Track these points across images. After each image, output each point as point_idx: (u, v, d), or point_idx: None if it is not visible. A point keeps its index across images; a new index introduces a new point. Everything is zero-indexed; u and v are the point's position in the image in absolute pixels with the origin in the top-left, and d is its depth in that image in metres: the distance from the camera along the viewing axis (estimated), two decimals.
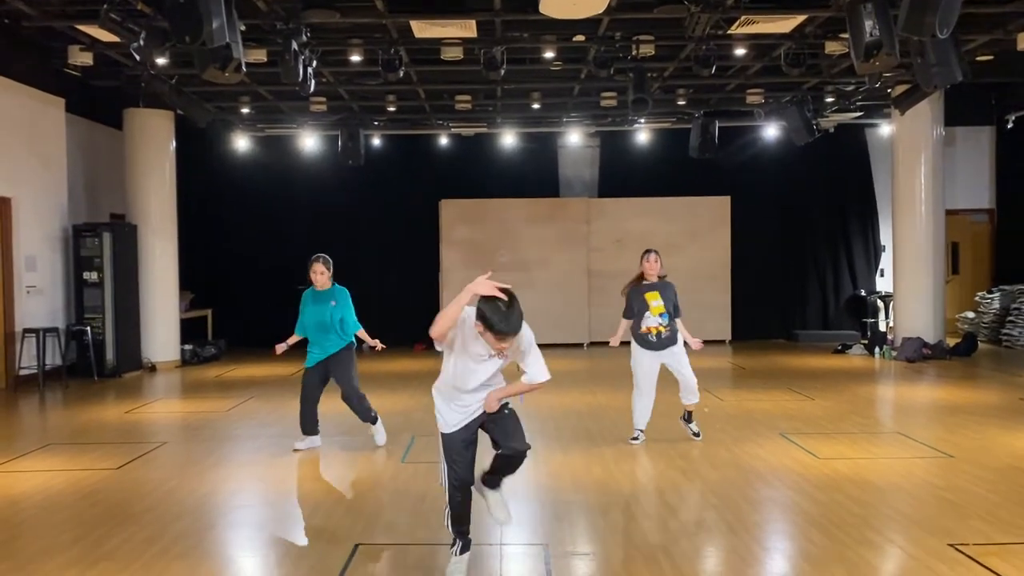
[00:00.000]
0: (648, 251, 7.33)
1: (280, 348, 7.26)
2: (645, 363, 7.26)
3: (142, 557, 4.66)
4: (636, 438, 7.34)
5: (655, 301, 7.11)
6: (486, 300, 3.88)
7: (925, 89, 9.08)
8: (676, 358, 7.20)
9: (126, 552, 4.75)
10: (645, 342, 7.19)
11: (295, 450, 7.20)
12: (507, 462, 4.24)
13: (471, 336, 4.02)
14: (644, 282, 7.24)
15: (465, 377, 4.13)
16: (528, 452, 4.26)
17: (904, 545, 4.74)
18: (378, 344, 7.40)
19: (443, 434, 4.24)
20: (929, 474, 6.23)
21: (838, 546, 4.71)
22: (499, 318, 3.85)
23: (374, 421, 7.38)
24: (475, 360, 4.09)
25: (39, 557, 4.69)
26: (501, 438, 4.20)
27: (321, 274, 7.12)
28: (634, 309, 7.24)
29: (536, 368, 4.12)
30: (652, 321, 7.09)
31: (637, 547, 4.88)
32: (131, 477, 6.46)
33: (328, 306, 7.13)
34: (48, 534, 5.15)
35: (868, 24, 6.98)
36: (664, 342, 7.12)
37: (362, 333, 7.30)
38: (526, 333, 4.04)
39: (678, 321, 7.21)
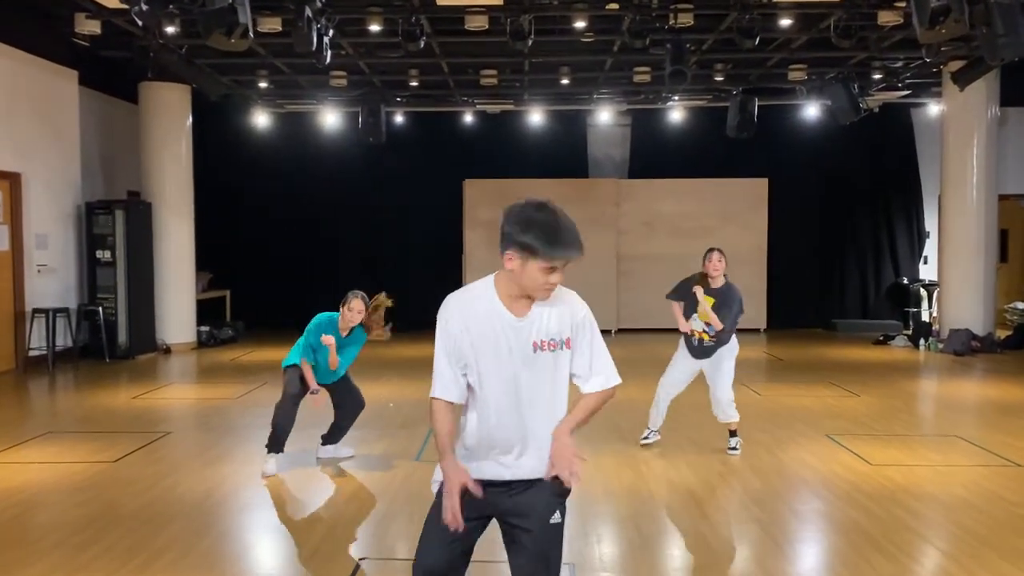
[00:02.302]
0: (711, 250, 6.43)
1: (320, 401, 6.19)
2: (680, 364, 6.64)
3: (126, 566, 4.23)
4: (648, 436, 6.75)
5: (708, 307, 6.29)
6: (516, 212, 2.61)
7: (989, 62, 8.36)
8: (718, 367, 6.46)
9: (108, 561, 4.31)
10: (687, 341, 6.54)
11: (267, 474, 6.05)
12: None
13: (483, 322, 2.63)
14: (710, 283, 6.38)
15: (493, 429, 2.65)
16: None
17: (977, 571, 4.17)
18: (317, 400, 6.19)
19: (437, 492, 2.71)
20: (996, 485, 5.64)
21: (901, 571, 4.16)
22: (547, 226, 2.54)
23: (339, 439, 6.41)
24: (503, 383, 2.62)
25: (13, 565, 4.26)
26: (516, 559, 2.68)
27: (359, 313, 6.04)
28: (679, 296, 6.56)
29: (607, 366, 2.72)
30: (697, 324, 6.39)
31: (672, 565, 4.36)
32: (126, 472, 6.02)
33: (351, 351, 6.20)
34: (28, 537, 4.73)
35: None
36: (706, 351, 6.41)
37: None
38: (589, 313, 2.72)
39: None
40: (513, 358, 2.60)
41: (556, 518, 2.63)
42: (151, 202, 12.39)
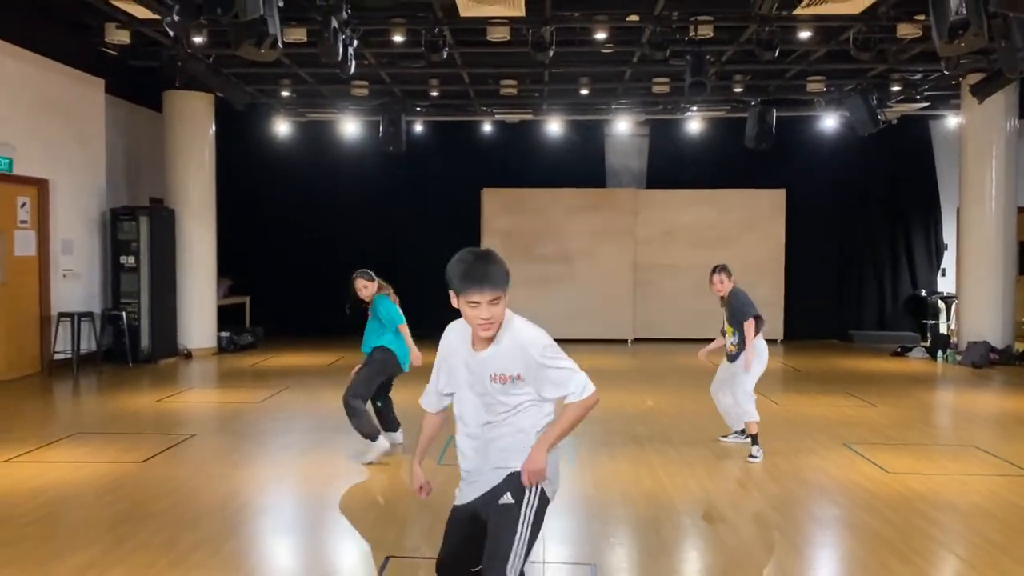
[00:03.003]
0: (712, 270, 6.86)
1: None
2: (720, 368, 7.08)
3: (159, 563, 4.33)
4: (729, 436, 7.18)
5: (726, 322, 6.87)
6: (455, 260, 2.87)
7: (1008, 75, 8.41)
8: (732, 373, 6.80)
9: (142, 556, 4.41)
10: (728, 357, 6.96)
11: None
12: None
13: (457, 351, 3.01)
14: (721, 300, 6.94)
15: (464, 409, 3.01)
16: None
17: None
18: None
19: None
20: (1015, 495, 5.66)
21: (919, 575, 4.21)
22: (467, 262, 2.82)
23: (372, 437, 6.49)
24: (470, 403, 2.98)
25: (50, 559, 4.37)
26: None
27: (364, 287, 6.65)
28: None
29: (576, 382, 2.88)
30: (726, 340, 6.90)
31: (693, 572, 4.43)
32: (155, 472, 6.15)
33: (374, 323, 6.67)
34: (62, 533, 4.85)
35: (954, 1, 6.39)
36: (733, 358, 6.80)
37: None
38: (539, 339, 2.88)
39: (747, 330, 6.66)
40: (474, 386, 2.94)
41: (506, 499, 2.86)
42: (174, 208, 12.58)
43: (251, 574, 4.40)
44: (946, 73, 10.71)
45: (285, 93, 13.36)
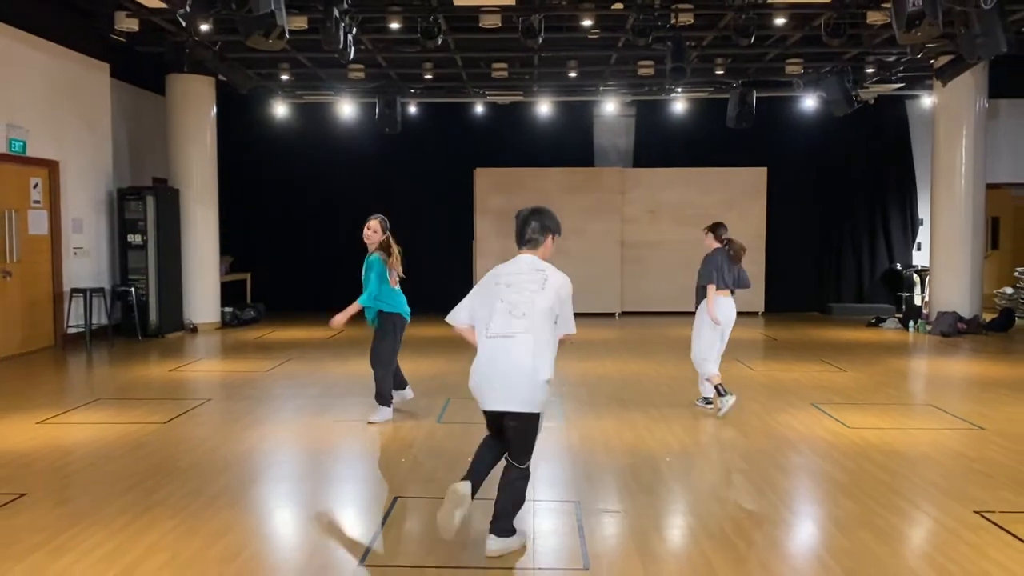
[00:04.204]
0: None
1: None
2: (714, 333, 7.61)
3: (190, 506, 4.88)
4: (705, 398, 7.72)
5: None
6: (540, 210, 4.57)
7: (969, 60, 8.94)
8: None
9: (175, 502, 4.97)
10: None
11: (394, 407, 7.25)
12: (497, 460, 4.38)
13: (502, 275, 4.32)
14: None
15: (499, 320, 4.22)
16: (523, 470, 4.25)
17: (931, 511, 4.82)
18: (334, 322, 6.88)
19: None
20: (959, 445, 6.28)
21: (866, 512, 4.80)
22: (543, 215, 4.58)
23: (384, 402, 7.03)
24: (512, 296, 4.21)
25: (93, 505, 4.93)
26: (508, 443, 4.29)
27: (373, 232, 6.97)
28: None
29: (569, 321, 4.30)
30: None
31: (666, 506, 5.02)
32: (177, 432, 6.70)
33: (370, 277, 6.89)
34: (102, 483, 5.40)
35: None
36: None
37: (348, 309, 6.87)
38: (567, 283, 4.29)
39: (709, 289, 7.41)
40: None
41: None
42: (178, 188, 13.06)
43: (271, 515, 4.98)
44: (917, 57, 11.24)
45: (284, 77, 13.80)
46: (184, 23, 8.07)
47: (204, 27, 9.26)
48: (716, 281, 7.26)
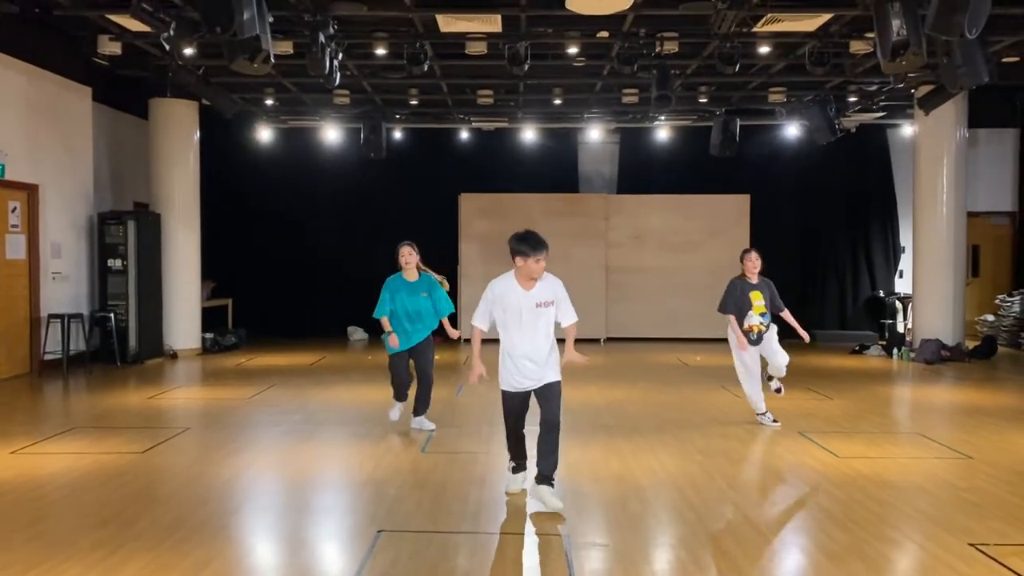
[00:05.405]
0: (748, 250, 7.68)
1: (395, 340, 7.36)
2: (746, 354, 7.65)
3: (168, 540, 4.75)
4: (765, 414, 7.80)
5: (758, 301, 7.50)
6: (513, 237, 5.23)
7: (951, 90, 9.04)
8: (768, 347, 7.63)
9: (153, 535, 4.83)
10: (747, 338, 7.55)
11: (392, 419, 7.63)
12: (545, 428, 5.40)
13: (509, 293, 5.30)
14: (747, 280, 7.60)
15: (520, 347, 5.33)
16: (559, 425, 5.42)
17: (924, 543, 4.76)
18: (456, 333, 7.61)
19: (502, 391, 5.48)
20: (949, 474, 6.24)
21: (857, 542, 4.73)
22: (526, 238, 5.21)
23: (426, 411, 7.59)
24: (522, 317, 5.29)
25: (68, 538, 4.78)
26: (542, 404, 5.43)
27: (411, 256, 7.39)
28: (733, 306, 7.60)
29: (571, 311, 5.48)
30: (754, 320, 7.50)
31: (655, 539, 4.93)
32: (156, 461, 6.55)
33: (420, 297, 7.35)
34: (76, 515, 5.25)
35: (895, 23, 6.97)
36: (762, 338, 7.54)
37: (446, 322, 7.52)
38: (559, 281, 5.44)
39: (786, 313, 7.65)
40: (523, 314, 5.34)
41: (554, 379, 5.47)
42: (160, 213, 12.93)
43: (253, 548, 4.85)
44: (899, 87, 11.36)
45: (269, 101, 13.76)
46: (168, 47, 8.01)
47: (188, 51, 9.19)
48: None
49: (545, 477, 5.39)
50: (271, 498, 5.80)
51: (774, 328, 7.68)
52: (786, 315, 7.73)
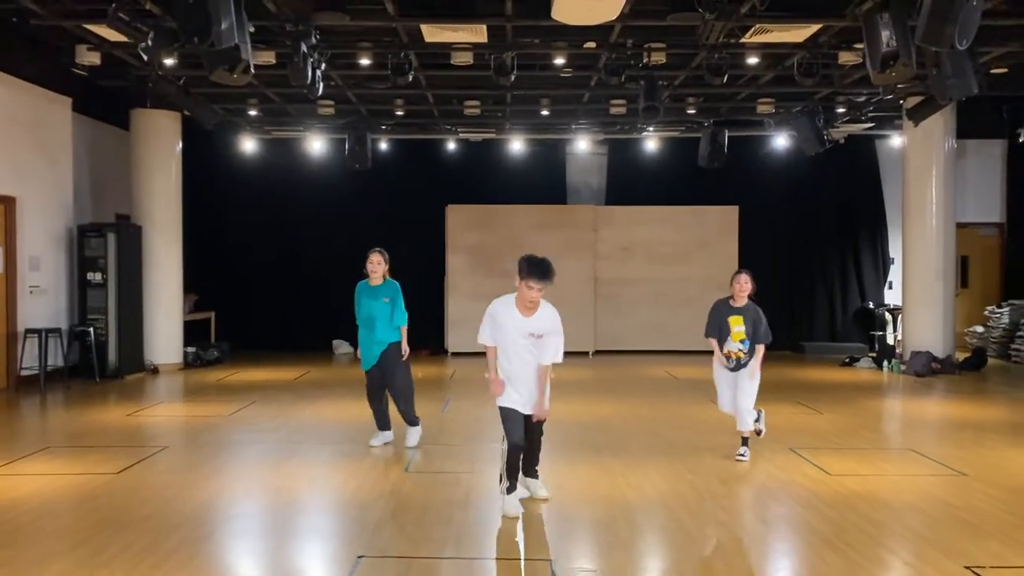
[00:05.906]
0: (738, 272, 7.15)
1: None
2: (721, 379, 7.22)
3: (143, 564, 4.57)
4: (745, 441, 7.22)
5: (738, 327, 6.99)
6: (525, 259, 5.24)
7: (940, 101, 8.97)
8: (742, 380, 7.05)
9: (127, 559, 4.65)
10: (722, 364, 7.14)
11: (371, 446, 7.41)
12: (529, 442, 5.63)
13: (505, 316, 5.41)
14: (732, 303, 7.08)
15: (511, 370, 5.47)
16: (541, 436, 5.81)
17: (919, 566, 4.62)
18: (406, 352, 7.43)
19: (500, 407, 5.55)
20: (943, 492, 6.12)
21: (850, 566, 4.60)
22: (534, 263, 5.21)
23: (413, 423, 7.49)
24: (515, 342, 5.42)
25: (37, 563, 4.60)
26: (528, 424, 5.59)
27: (378, 264, 7.33)
28: (715, 329, 7.13)
29: (555, 351, 5.54)
30: (733, 346, 7.02)
31: (644, 563, 4.78)
32: (131, 482, 6.36)
33: (380, 302, 7.30)
34: (46, 540, 5.06)
35: (885, 34, 6.89)
36: (741, 366, 7.04)
37: (403, 331, 7.41)
38: (558, 317, 5.49)
39: (760, 347, 7.03)
40: (516, 341, 5.47)
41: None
42: (141, 225, 12.73)
43: (229, 574, 4.66)
44: (887, 97, 11.31)
45: (252, 112, 13.59)
46: (147, 57, 7.85)
47: (168, 61, 9.04)
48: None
49: (532, 471, 5.82)
50: (249, 521, 5.62)
51: (756, 358, 7.05)
52: (759, 349, 7.06)
